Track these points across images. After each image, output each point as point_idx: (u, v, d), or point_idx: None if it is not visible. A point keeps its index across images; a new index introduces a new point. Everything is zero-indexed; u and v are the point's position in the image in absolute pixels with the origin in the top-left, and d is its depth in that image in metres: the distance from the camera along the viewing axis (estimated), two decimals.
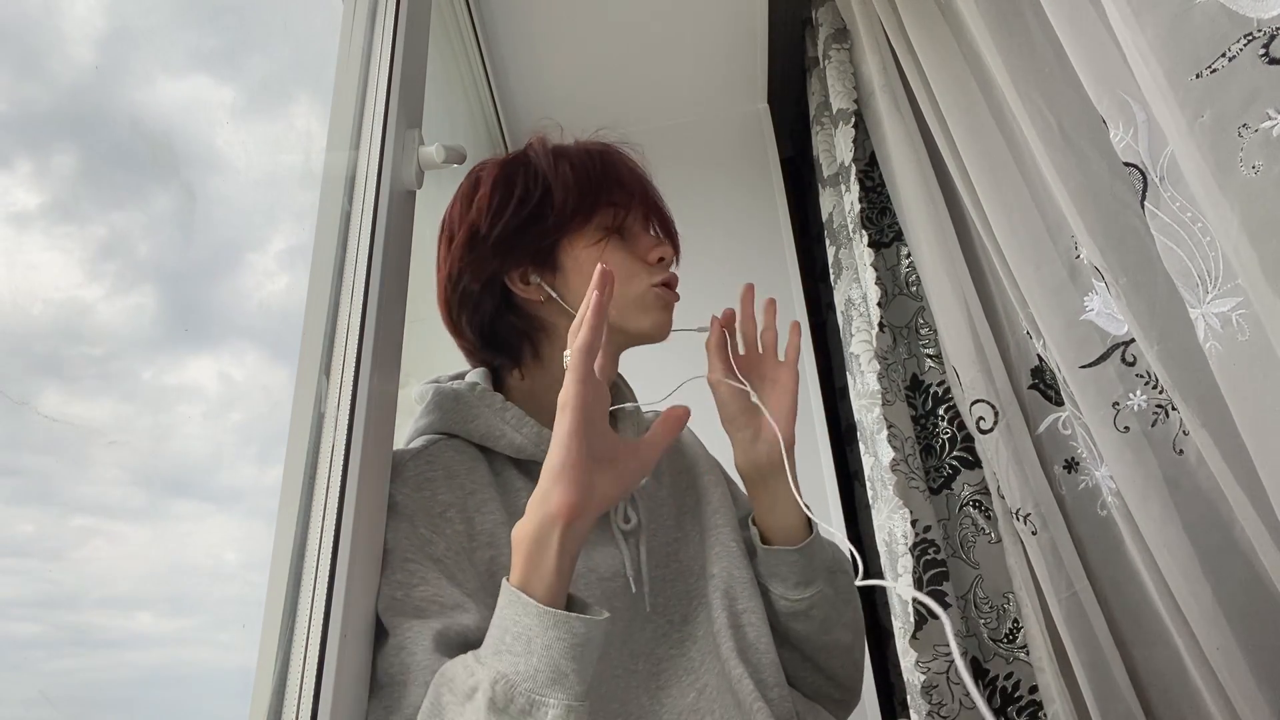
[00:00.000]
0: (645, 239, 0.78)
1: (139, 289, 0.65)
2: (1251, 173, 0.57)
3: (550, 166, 0.76)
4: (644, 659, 0.70)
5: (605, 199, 0.76)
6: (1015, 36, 1.00)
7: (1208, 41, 0.59)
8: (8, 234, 0.55)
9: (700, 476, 0.85)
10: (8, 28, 0.59)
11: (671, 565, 0.77)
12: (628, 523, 0.74)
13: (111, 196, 0.64)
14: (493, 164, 0.79)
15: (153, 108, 0.70)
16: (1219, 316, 0.68)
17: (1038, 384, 1.12)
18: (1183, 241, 0.71)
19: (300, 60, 0.94)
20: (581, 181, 0.75)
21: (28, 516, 0.56)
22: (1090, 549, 1.04)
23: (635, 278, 0.75)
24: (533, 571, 0.52)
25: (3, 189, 0.55)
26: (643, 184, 0.80)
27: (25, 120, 0.58)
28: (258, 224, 0.82)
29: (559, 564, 0.52)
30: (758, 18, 1.68)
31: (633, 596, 0.71)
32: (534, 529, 0.52)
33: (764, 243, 1.78)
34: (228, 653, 0.67)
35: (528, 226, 0.74)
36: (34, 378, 0.55)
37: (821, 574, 0.77)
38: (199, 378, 0.70)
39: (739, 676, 0.69)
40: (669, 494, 0.81)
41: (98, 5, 0.67)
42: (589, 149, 0.79)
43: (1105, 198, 0.88)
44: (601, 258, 0.74)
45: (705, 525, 0.80)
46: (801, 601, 0.76)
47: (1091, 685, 0.98)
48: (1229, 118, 0.58)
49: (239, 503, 0.72)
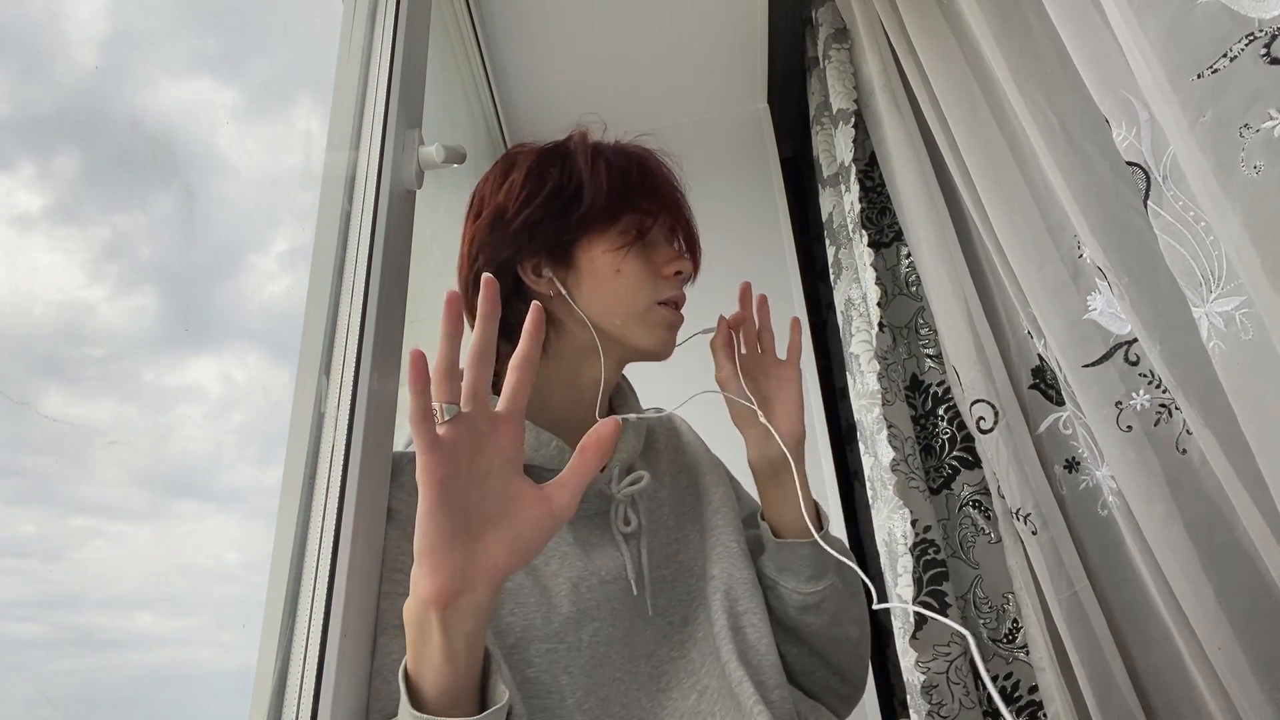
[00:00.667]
0: (665, 250, 0.77)
1: (141, 290, 0.65)
2: (1253, 173, 0.57)
3: (586, 163, 0.75)
4: (645, 661, 0.70)
5: (633, 205, 0.74)
6: (1016, 36, 1.00)
7: (1209, 42, 0.60)
8: (11, 236, 0.56)
9: (701, 477, 0.84)
10: (10, 31, 0.59)
11: (671, 566, 0.76)
12: (628, 525, 0.74)
13: (114, 198, 0.64)
14: (530, 150, 0.78)
15: (153, 109, 0.70)
16: (1222, 316, 0.68)
17: (1038, 384, 1.12)
18: (1186, 241, 0.71)
19: (300, 61, 0.94)
20: (614, 184, 0.74)
21: (29, 517, 0.56)
22: (1091, 549, 1.04)
23: (644, 290, 0.74)
24: (422, 657, 0.49)
25: (6, 191, 0.55)
26: (674, 196, 0.79)
27: (28, 123, 0.58)
28: (259, 225, 0.82)
29: (446, 647, 0.48)
30: (758, 18, 1.68)
31: (634, 599, 0.71)
32: (413, 615, 0.49)
33: (764, 243, 1.78)
34: (228, 653, 0.67)
35: (551, 220, 0.73)
36: (36, 378, 0.56)
37: (832, 567, 0.78)
38: (200, 378, 0.70)
39: (739, 679, 0.69)
40: (669, 494, 0.81)
41: (100, 8, 0.67)
42: (627, 151, 0.78)
43: (1108, 197, 0.88)
44: (620, 264, 0.73)
45: (706, 526, 0.80)
46: (815, 595, 0.77)
47: (1092, 685, 0.98)
48: (1230, 118, 0.58)
49: (240, 503, 0.72)
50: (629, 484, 0.74)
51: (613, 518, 0.74)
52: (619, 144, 0.80)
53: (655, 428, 0.87)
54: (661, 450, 0.84)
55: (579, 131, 0.79)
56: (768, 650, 0.74)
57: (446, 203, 1.42)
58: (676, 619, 0.74)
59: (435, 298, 1.22)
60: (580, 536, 0.72)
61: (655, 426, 0.87)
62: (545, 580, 0.68)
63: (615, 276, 0.73)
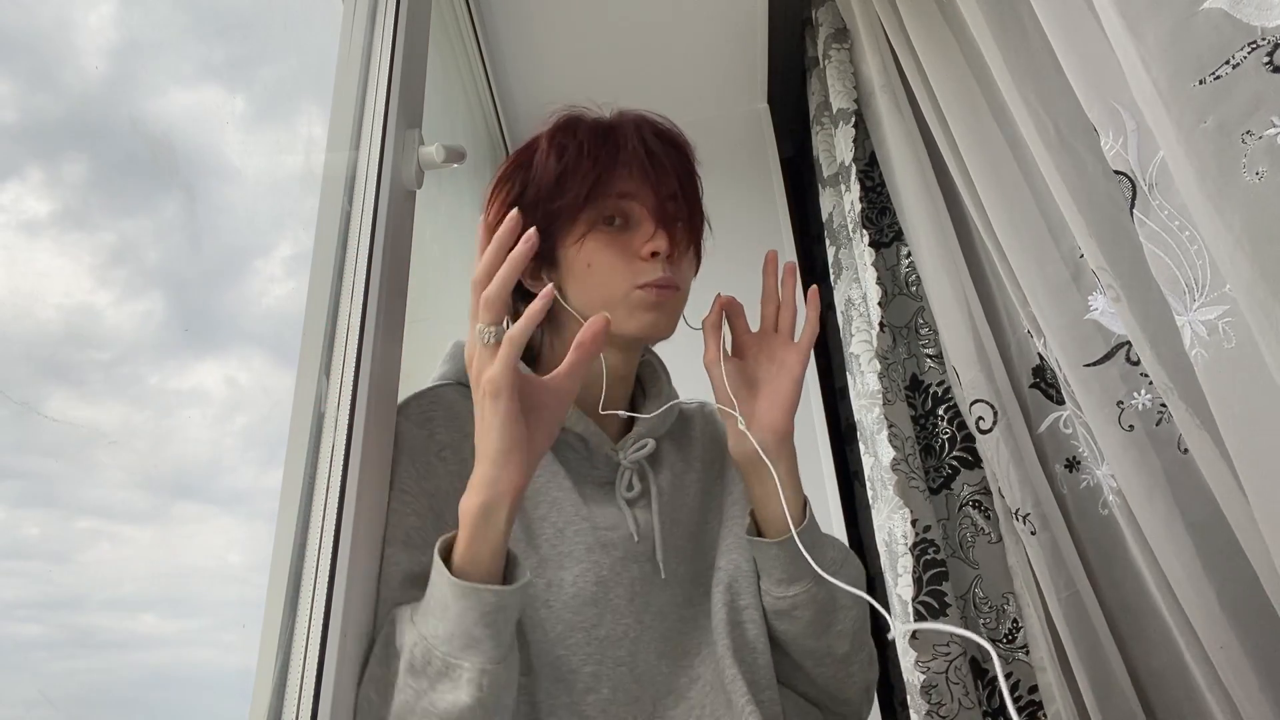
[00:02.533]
0: (644, 230, 0.72)
1: (147, 295, 0.66)
2: (1255, 179, 0.57)
3: (541, 163, 0.73)
4: (658, 618, 0.71)
5: (599, 190, 0.72)
6: (1013, 37, 1.00)
7: (1211, 49, 0.60)
8: (20, 241, 0.57)
9: (729, 469, 0.84)
10: (20, 40, 0.60)
11: (687, 546, 0.77)
12: (631, 490, 0.75)
13: (121, 204, 0.65)
14: (506, 160, 0.79)
15: (156, 114, 0.71)
16: (1205, 324, 0.68)
17: (1039, 383, 1.12)
18: (1170, 250, 0.72)
19: (301, 61, 0.94)
20: (573, 172, 0.71)
21: (33, 519, 0.56)
22: (1092, 548, 1.04)
23: (618, 277, 0.71)
24: (480, 544, 0.57)
25: (15, 197, 0.56)
26: (648, 166, 0.73)
27: (37, 130, 0.59)
28: (264, 229, 0.83)
29: (506, 530, 0.57)
30: (758, 18, 1.68)
31: (642, 555, 0.72)
32: (483, 505, 0.56)
33: (764, 243, 1.75)
34: (229, 653, 0.67)
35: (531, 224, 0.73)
36: (42, 382, 0.56)
37: (809, 573, 0.72)
38: (205, 382, 0.70)
39: (733, 676, 0.69)
40: (698, 479, 0.82)
41: (108, 16, 0.68)
42: (597, 128, 0.75)
43: (1101, 200, 0.88)
44: (590, 257, 0.71)
45: (724, 515, 0.81)
46: (784, 600, 0.73)
47: (1092, 685, 0.98)
48: (1232, 124, 0.59)
49: (243, 505, 0.72)
50: (635, 450, 0.76)
51: (617, 482, 0.75)
52: (591, 121, 0.77)
53: (694, 417, 0.87)
54: (696, 438, 0.85)
55: (547, 128, 0.77)
56: (764, 649, 0.73)
57: (446, 203, 1.42)
58: (686, 596, 0.75)
59: (435, 298, 1.22)
60: (585, 494, 0.73)
61: (694, 416, 0.87)
62: (532, 524, 0.70)
63: (588, 270, 0.72)
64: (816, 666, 0.76)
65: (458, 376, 0.76)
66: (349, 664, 0.59)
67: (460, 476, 0.66)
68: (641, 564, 0.72)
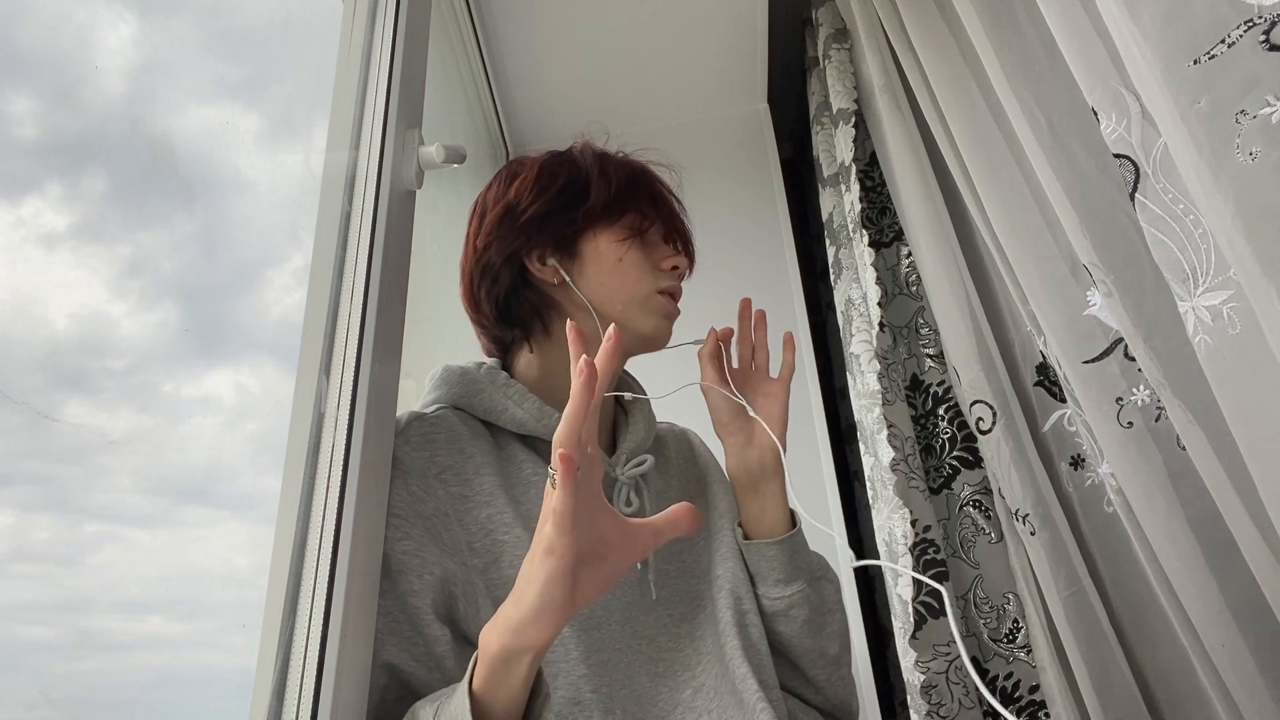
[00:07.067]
0: (664, 248, 0.83)
1: (161, 305, 0.67)
2: (1249, 159, 0.56)
3: (593, 163, 0.81)
4: (647, 643, 0.72)
5: (635, 205, 0.80)
6: (1006, 32, 0.99)
7: (1206, 28, 0.59)
8: (39, 254, 0.58)
9: (710, 486, 0.89)
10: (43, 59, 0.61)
11: (675, 563, 0.79)
12: (629, 506, 0.76)
13: (137, 217, 0.66)
14: (537, 156, 0.84)
15: (171, 128, 0.72)
16: (1209, 310, 0.68)
17: (1043, 380, 1.12)
18: (1173, 234, 0.71)
19: (301, 61, 0.94)
20: (619, 184, 0.80)
21: (43, 523, 0.57)
22: (1097, 546, 1.04)
23: (645, 279, 0.78)
24: (498, 686, 0.52)
25: (35, 210, 0.58)
26: (671, 204, 0.85)
27: (57, 146, 0.60)
28: (276, 240, 0.85)
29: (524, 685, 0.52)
30: (758, 18, 1.68)
31: (636, 578, 0.74)
32: (503, 651, 0.51)
33: (764, 243, 1.78)
34: (230, 654, 0.67)
35: (559, 212, 0.78)
36: (57, 390, 0.57)
37: (803, 573, 0.79)
38: (216, 389, 0.71)
39: (743, 675, 0.70)
40: (678, 497, 0.84)
41: (128, 38, 0.69)
42: (630, 162, 0.85)
43: (1094, 195, 0.88)
44: (623, 254, 0.78)
45: (712, 530, 0.83)
46: (781, 600, 0.78)
47: (1094, 684, 0.98)
48: (1227, 103, 0.58)
49: (252, 509, 0.73)
50: (633, 467, 0.77)
51: (615, 498, 0.76)
52: (621, 154, 0.86)
53: (668, 438, 0.91)
54: (673, 458, 0.89)
55: (582, 140, 0.86)
56: (766, 651, 0.76)
57: (446, 203, 1.42)
58: (677, 613, 0.76)
59: (435, 298, 1.22)
60: None
61: (668, 437, 0.92)
62: None
63: (618, 264, 0.78)
64: (812, 668, 0.80)
65: (453, 401, 0.78)
66: (349, 665, 0.59)
67: (463, 498, 0.70)
68: (632, 586, 0.74)
